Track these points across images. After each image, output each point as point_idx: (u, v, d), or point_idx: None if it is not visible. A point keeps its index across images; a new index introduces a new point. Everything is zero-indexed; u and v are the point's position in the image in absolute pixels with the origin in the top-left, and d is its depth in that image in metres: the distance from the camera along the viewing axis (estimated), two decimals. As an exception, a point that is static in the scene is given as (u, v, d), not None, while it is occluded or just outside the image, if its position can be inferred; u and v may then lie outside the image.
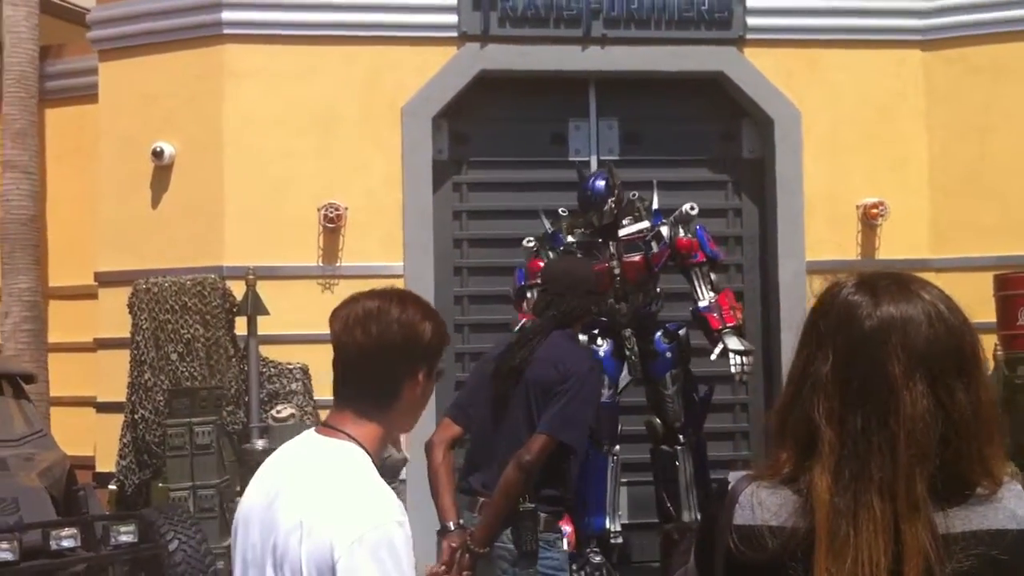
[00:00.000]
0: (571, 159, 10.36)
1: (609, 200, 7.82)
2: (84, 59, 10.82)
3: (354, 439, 2.58)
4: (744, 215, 10.47)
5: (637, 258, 7.89)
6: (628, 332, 7.91)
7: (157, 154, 9.93)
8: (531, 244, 8.22)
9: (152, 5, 10.28)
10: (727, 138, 10.61)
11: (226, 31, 10.00)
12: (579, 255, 7.89)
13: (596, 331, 7.75)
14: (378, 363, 2.62)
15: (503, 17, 10.18)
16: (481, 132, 10.38)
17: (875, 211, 10.15)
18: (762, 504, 1.96)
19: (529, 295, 7.80)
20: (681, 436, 7.93)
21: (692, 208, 7.98)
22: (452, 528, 4.91)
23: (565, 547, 5.10)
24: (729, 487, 2.04)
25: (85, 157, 10.68)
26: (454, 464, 5.15)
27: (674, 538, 7.76)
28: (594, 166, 10.22)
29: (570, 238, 8.05)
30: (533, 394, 5.03)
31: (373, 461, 2.59)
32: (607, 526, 7.65)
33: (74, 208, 10.98)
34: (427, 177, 10.07)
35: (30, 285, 10.57)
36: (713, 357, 7.84)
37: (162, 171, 10.05)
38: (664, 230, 7.87)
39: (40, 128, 10.94)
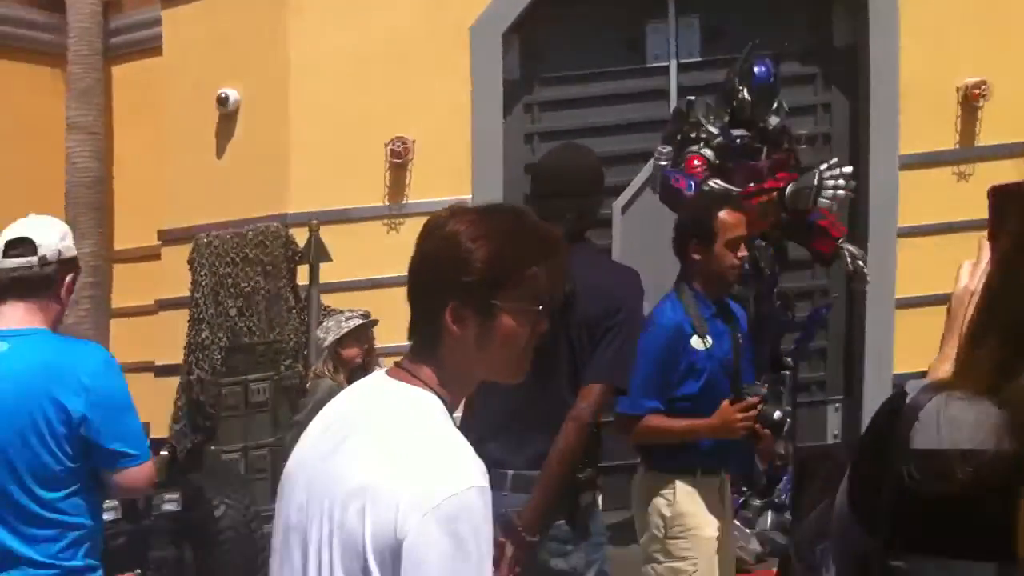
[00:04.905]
0: (648, 65, 9.71)
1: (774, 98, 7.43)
2: (148, 11, 10.58)
3: (428, 384, 2.16)
4: (834, 110, 9.66)
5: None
6: (763, 243, 7.46)
7: (222, 101, 9.70)
8: (666, 150, 7.57)
9: (213, -54, 9.97)
10: (816, 26, 9.77)
11: (288, -35, 9.63)
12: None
13: None
14: (417, 287, 2.20)
15: (572, -81, 9.53)
16: (553, 45, 9.76)
17: (976, 92, 9.22)
18: (953, 421, 1.51)
19: None
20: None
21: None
22: None
23: None
24: (906, 400, 1.57)
25: (152, 113, 10.38)
26: None
27: (808, 465, 7.18)
28: (673, 70, 9.60)
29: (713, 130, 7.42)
30: (577, 336, 3.94)
31: (450, 410, 2.17)
32: None
33: (141, 168, 10.58)
34: (497, 99, 9.56)
35: (93, 249, 10.23)
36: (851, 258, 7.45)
37: (227, 119, 9.82)
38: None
39: (107, 86, 10.73)
